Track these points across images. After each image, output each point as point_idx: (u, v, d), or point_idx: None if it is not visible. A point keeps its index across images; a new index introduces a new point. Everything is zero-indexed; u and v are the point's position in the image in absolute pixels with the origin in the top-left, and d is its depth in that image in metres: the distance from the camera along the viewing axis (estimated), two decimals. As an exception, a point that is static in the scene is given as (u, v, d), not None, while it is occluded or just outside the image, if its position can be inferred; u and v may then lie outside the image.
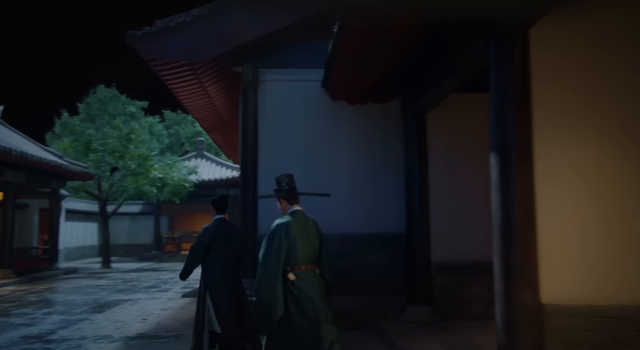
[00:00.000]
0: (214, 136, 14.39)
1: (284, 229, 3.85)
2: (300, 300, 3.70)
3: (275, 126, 7.83)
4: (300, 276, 3.77)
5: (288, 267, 3.77)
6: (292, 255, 3.79)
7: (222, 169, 26.95)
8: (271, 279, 3.70)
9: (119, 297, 11.21)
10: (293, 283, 3.74)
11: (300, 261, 3.81)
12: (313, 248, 3.93)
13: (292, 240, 3.81)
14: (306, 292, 3.73)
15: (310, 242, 3.92)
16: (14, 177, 14.98)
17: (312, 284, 3.79)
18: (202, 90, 9.37)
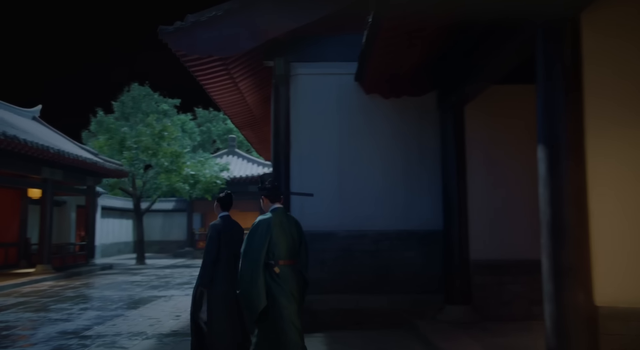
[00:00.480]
0: (245, 133, 14.36)
1: (266, 225, 4.05)
2: (282, 293, 3.90)
3: (307, 121, 7.69)
4: (282, 270, 3.97)
5: (272, 262, 3.97)
6: (274, 250, 3.99)
7: (254, 165, 27.03)
8: (253, 273, 3.88)
9: (153, 293, 11.28)
10: (277, 276, 3.93)
11: (282, 256, 4.01)
12: (293, 244, 4.14)
13: (273, 236, 4.01)
14: (288, 285, 3.94)
15: (291, 238, 4.13)
16: (52, 174, 15.27)
17: (292, 277, 4.01)
18: (234, 86, 9.30)
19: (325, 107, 7.67)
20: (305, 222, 7.79)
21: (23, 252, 17.60)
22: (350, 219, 7.49)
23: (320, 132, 7.64)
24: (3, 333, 7.16)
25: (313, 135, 7.64)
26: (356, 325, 6.89)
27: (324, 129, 7.64)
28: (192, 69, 8.12)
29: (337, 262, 7.36)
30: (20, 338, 6.86)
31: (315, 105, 7.68)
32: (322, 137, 7.63)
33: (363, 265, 7.34)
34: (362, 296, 7.09)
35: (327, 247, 7.41)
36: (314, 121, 7.66)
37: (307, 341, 6.06)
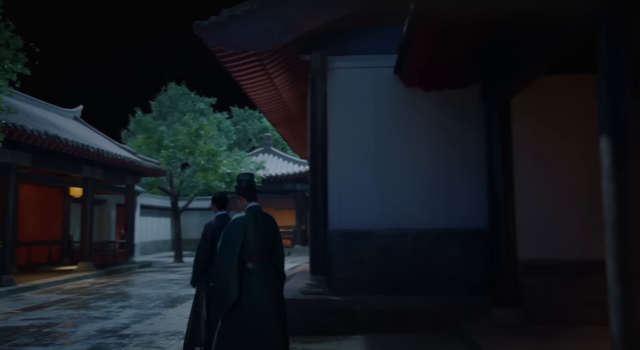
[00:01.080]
0: (280, 130, 14.24)
1: (241, 223, 4.23)
2: (254, 288, 4.07)
3: (344, 116, 7.47)
4: (256, 265, 4.14)
5: (246, 257, 4.14)
6: (249, 246, 4.16)
7: (289, 164, 26.98)
8: (227, 268, 4.06)
9: (190, 291, 11.25)
10: (250, 271, 4.11)
11: (257, 252, 4.18)
12: (268, 240, 4.30)
13: (248, 233, 4.18)
14: (262, 278, 4.12)
15: (265, 235, 4.29)
16: (92, 173, 15.51)
17: (266, 272, 4.18)
18: (269, 82, 9.16)
19: (363, 101, 7.44)
20: (343, 220, 7.64)
21: (66, 249, 17.98)
22: (390, 216, 7.24)
23: (359, 127, 7.41)
24: (45, 330, 7.21)
25: (351, 131, 7.42)
26: (397, 327, 6.63)
27: (362, 123, 7.41)
28: (227, 64, 8.02)
29: (376, 261, 7.12)
30: (61, 336, 6.88)
31: (353, 100, 7.45)
32: (360, 132, 7.40)
33: (403, 265, 7.07)
34: (403, 297, 6.83)
35: (365, 246, 7.18)
36: (351, 116, 7.44)
37: (346, 343, 5.90)
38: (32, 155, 12.41)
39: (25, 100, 16.28)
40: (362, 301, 6.75)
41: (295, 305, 6.78)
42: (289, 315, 6.90)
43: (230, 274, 4.05)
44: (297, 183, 25.68)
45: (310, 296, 6.98)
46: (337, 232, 7.28)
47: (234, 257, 4.09)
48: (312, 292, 7.16)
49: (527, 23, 5.06)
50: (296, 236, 25.89)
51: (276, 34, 7.07)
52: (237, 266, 4.08)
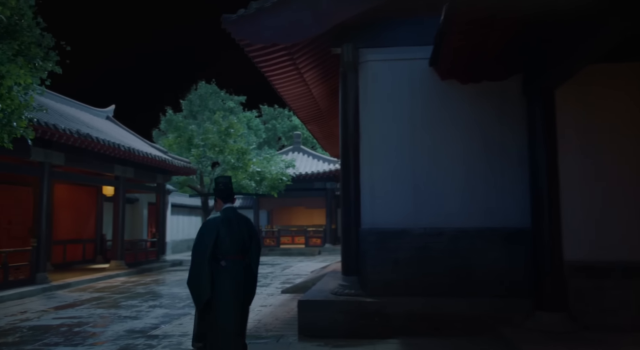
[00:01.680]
0: (310, 127, 14.04)
1: (214, 224, 4.38)
2: (226, 286, 4.21)
3: (377, 111, 7.19)
4: (229, 265, 4.29)
5: (220, 256, 4.28)
6: (222, 246, 4.29)
7: (319, 162, 26.78)
8: (200, 266, 4.23)
9: (221, 291, 11.17)
10: (222, 270, 4.25)
11: (229, 251, 4.32)
12: (242, 240, 4.42)
13: (221, 233, 4.32)
14: (234, 278, 4.27)
15: (239, 235, 4.41)
16: (124, 172, 15.60)
17: (239, 271, 4.32)
18: (299, 77, 8.95)
19: (396, 95, 7.15)
20: (376, 219, 7.36)
21: (99, 248, 18.17)
22: (426, 215, 6.94)
23: (392, 122, 7.13)
24: (75, 330, 7.16)
25: (384, 126, 7.14)
26: (434, 330, 6.33)
27: (396, 118, 7.12)
28: (256, 59, 7.83)
29: (411, 262, 6.82)
30: (90, 335, 6.81)
31: (386, 94, 7.17)
32: (393, 127, 7.12)
33: (440, 266, 6.75)
34: (440, 299, 6.52)
35: (400, 246, 6.89)
36: (384, 110, 7.16)
37: (381, 348, 5.63)
38: (65, 154, 12.49)
39: (59, 100, 16.50)
40: (396, 303, 6.48)
41: (327, 307, 6.56)
42: (322, 317, 6.70)
43: (202, 272, 4.21)
44: (327, 181, 25.47)
45: (342, 298, 6.73)
46: (370, 231, 7.02)
47: (206, 256, 4.24)
48: (344, 293, 6.91)
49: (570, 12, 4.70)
50: (326, 235, 25.68)
51: (306, 26, 6.85)
52: (209, 265, 4.23)
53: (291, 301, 9.39)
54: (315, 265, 17.62)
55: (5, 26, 7.06)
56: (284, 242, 26.14)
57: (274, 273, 15.28)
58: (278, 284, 12.37)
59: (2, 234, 13.82)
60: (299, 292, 10.59)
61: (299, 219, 29.13)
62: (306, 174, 24.58)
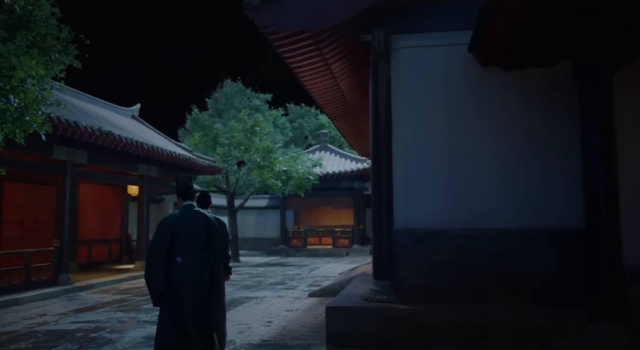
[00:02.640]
0: (338, 124, 13.53)
1: (171, 220, 4.51)
2: (179, 282, 4.34)
3: (411, 102, 6.66)
4: (185, 260, 4.40)
5: (177, 252, 4.40)
6: (178, 242, 4.42)
7: (347, 161, 26.25)
8: (154, 261, 4.35)
9: (245, 294, 10.75)
10: (178, 265, 4.36)
11: (186, 248, 4.44)
12: (199, 237, 4.53)
13: (177, 229, 4.44)
14: (188, 272, 4.37)
15: (195, 231, 4.52)
16: (148, 171, 15.36)
17: (194, 266, 4.42)
18: (326, 69, 8.47)
19: (432, 84, 6.60)
20: (409, 219, 6.79)
21: (125, 248, 18.01)
22: (465, 215, 6.37)
23: (427, 114, 6.58)
24: (91, 335, 6.81)
25: (418, 118, 6.60)
26: (474, 341, 5.76)
27: (432, 110, 6.57)
28: (280, 49, 7.37)
29: (449, 265, 6.26)
30: (106, 342, 6.44)
31: (421, 83, 6.63)
32: (429, 119, 6.57)
33: (481, 270, 6.17)
34: (481, 307, 5.94)
35: (436, 248, 6.34)
36: (419, 101, 6.62)
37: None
38: (87, 153, 12.27)
39: (84, 98, 16.37)
40: (433, 311, 5.92)
41: (358, 315, 6.05)
42: (352, 325, 6.19)
43: (157, 266, 4.34)
44: (355, 181, 24.93)
45: (374, 304, 6.22)
46: (403, 232, 6.49)
47: (161, 252, 4.36)
48: (376, 299, 6.39)
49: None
50: (354, 236, 25.13)
51: (334, 11, 6.35)
52: (163, 260, 4.35)
53: (319, 305, 8.90)
54: (343, 267, 17.11)
55: (19, 16, 6.76)
56: (311, 242, 25.70)
57: (301, 275, 14.82)
58: (305, 287, 11.89)
59: (28, 234, 13.70)
60: (326, 295, 10.10)
61: (326, 219, 28.65)
62: (333, 173, 24.09)
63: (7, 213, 13.01)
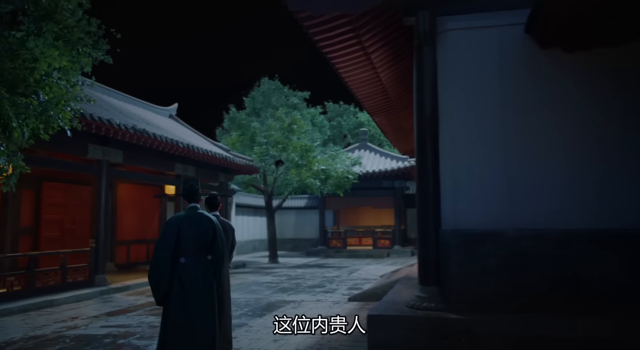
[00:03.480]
0: (378, 120, 12.94)
1: (177, 221, 4.55)
2: (184, 282, 4.38)
3: (460, 89, 6.05)
4: (189, 261, 4.45)
5: (180, 253, 4.44)
6: (183, 243, 4.46)
7: (387, 160, 25.56)
8: (160, 261, 4.38)
9: (282, 297, 10.30)
10: (182, 266, 4.41)
11: (190, 249, 4.47)
12: (203, 239, 4.54)
13: (183, 231, 4.48)
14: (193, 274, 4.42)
15: (199, 233, 4.53)
16: (184, 170, 15.15)
17: (198, 268, 4.46)
18: (365, 59, 7.94)
19: (484, 69, 5.98)
20: (459, 218, 6.15)
21: (162, 248, 17.88)
22: (522, 214, 5.73)
23: (479, 102, 5.96)
24: (119, 341, 6.48)
25: (469, 107, 5.99)
26: (536, 357, 5.11)
27: (484, 97, 5.95)
28: (317, 37, 6.89)
29: (504, 271, 5.63)
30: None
31: (471, 68, 6.01)
32: (481, 108, 5.95)
33: (541, 276, 5.52)
34: (542, 318, 5.28)
35: (490, 251, 5.71)
36: (469, 88, 6.01)
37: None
38: (123, 152, 12.10)
39: (122, 98, 16.33)
40: (488, 321, 5.30)
41: (403, 324, 5.48)
42: (396, 336, 5.64)
43: (162, 267, 4.37)
44: (395, 180, 24.24)
45: (420, 313, 5.64)
46: (452, 233, 5.89)
47: (167, 253, 4.39)
48: (422, 307, 5.81)
49: None
50: (395, 236, 24.42)
51: (374, -10, 5.82)
52: (169, 260, 4.38)
53: (359, 310, 8.35)
54: (384, 269, 16.49)
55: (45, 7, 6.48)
56: (350, 243, 25.14)
57: (340, 277, 14.29)
58: (344, 290, 11.36)
59: (67, 234, 13.69)
60: (367, 300, 9.54)
61: (366, 220, 28.02)
62: (373, 172, 23.46)
63: (46, 213, 13.01)
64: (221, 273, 4.61)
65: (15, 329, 7.24)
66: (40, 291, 9.66)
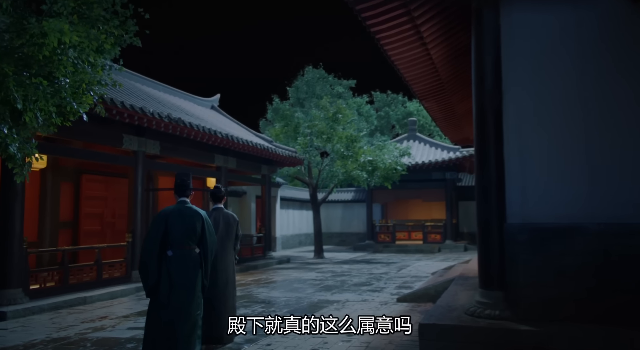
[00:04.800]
0: (428, 104, 11.95)
1: (164, 215, 4.69)
2: (171, 274, 4.52)
3: (529, 60, 5.13)
4: (176, 254, 4.58)
5: (168, 246, 4.59)
6: (171, 236, 4.59)
7: (437, 150, 24.39)
8: (148, 253, 4.55)
9: (325, 296, 9.56)
10: (169, 259, 4.56)
11: (177, 242, 4.60)
12: (192, 232, 4.65)
13: (170, 224, 4.62)
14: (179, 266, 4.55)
15: (187, 227, 4.64)
16: (225, 162, 14.65)
17: (186, 260, 4.60)
18: (415, 33, 7.08)
19: (558, 36, 5.02)
20: (528, 211, 5.11)
21: (206, 242, 17.51)
22: (606, 206, 4.78)
23: (552, 74, 5.02)
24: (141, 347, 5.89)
25: (540, 80, 5.06)
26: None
27: (559, 69, 5.01)
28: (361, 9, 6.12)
29: (585, 272, 4.71)
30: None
31: (542, 35, 5.08)
32: (554, 81, 5.01)
33: (631, 279, 4.56)
34: (634, 330, 4.33)
35: (567, 249, 4.80)
36: (540, 58, 5.08)
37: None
38: (160, 143, 11.65)
39: (162, 88, 15.99)
40: (567, 334, 4.39)
41: (461, 336, 4.64)
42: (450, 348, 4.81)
43: (150, 259, 4.49)
44: (446, 171, 23.08)
45: (482, 322, 4.77)
46: (520, 228, 4.99)
47: (154, 246, 4.51)
48: (484, 314, 4.95)
49: None
50: (446, 231, 23.28)
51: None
52: (156, 253, 4.50)
53: (410, 313, 7.51)
54: (436, 265, 15.52)
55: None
56: (399, 237, 24.19)
57: (389, 274, 13.43)
58: (393, 289, 10.51)
59: (107, 228, 13.43)
60: (418, 301, 8.68)
61: (415, 213, 26.93)
62: (423, 163, 22.39)
63: (86, 206, 12.76)
64: (208, 266, 4.73)
65: (41, 329, 6.81)
66: (74, 287, 9.29)
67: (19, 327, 6.96)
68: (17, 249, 8.24)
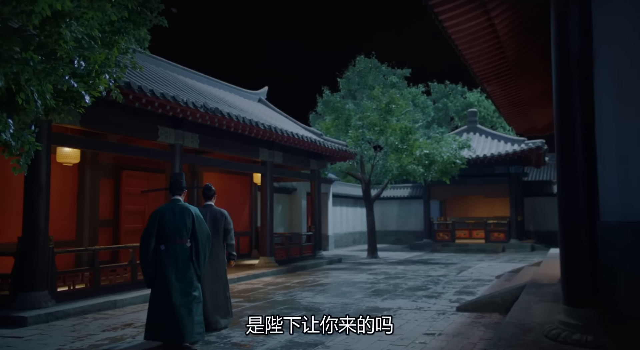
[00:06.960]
0: (491, 89, 10.65)
1: (158, 212, 5.38)
2: (165, 266, 5.17)
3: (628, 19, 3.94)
4: (168, 248, 5.25)
5: (162, 240, 5.25)
6: (164, 231, 5.27)
7: (500, 143, 22.75)
8: (145, 248, 5.24)
9: (374, 303, 8.54)
10: (162, 252, 5.22)
11: (171, 236, 5.27)
12: (185, 228, 5.33)
13: (163, 221, 5.28)
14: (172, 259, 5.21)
15: (180, 223, 5.32)
16: (270, 156, 13.88)
17: (178, 254, 5.26)
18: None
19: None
20: (629, 207, 3.94)
21: (254, 241, 16.88)
22: None
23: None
24: (160, 361, 5.12)
25: None
26: None
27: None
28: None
29: None
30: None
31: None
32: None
33: None
34: None
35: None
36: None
37: None
38: (199, 136, 10.99)
39: (206, 81, 15.43)
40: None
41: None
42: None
43: (146, 252, 5.22)
44: (510, 165, 21.46)
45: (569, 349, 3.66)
46: (619, 228, 3.85)
47: (150, 240, 5.22)
48: (572, 340, 3.83)
49: None
50: (511, 229, 21.65)
51: None
52: (151, 247, 5.21)
53: (472, 327, 6.42)
54: (500, 267, 14.16)
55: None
56: (459, 236, 22.75)
57: (448, 277, 12.23)
58: (452, 295, 9.35)
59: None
60: (482, 311, 7.51)
61: (476, 210, 25.33)
62: (484, 157, 20.86)
63: (126, 204, 12.31)
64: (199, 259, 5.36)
65: (57, 339, 6.19)
66: (105, 290, 8.73)
67: (36, 336, 6.37)
68: (43, 248, 7.70)
